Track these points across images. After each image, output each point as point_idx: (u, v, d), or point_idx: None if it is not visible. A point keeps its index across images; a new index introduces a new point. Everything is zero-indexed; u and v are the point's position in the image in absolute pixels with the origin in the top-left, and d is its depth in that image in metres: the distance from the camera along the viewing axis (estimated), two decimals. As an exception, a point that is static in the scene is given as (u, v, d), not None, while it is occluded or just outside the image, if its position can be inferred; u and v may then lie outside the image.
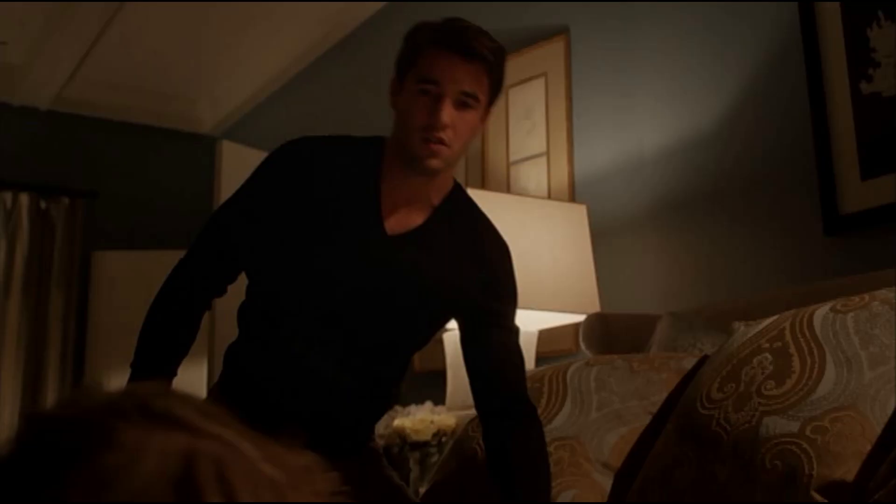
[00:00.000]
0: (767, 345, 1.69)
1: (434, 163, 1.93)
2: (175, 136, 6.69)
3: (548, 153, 3.76)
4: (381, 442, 3.46)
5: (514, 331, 2.09)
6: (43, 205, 6.23)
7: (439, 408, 3.34)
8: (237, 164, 4.58)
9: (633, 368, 2.07)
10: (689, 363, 2.01)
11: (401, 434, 3.15)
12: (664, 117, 3.24)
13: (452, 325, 3.06)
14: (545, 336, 3.23)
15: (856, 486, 1.40)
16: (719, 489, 1.55)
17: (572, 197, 3.57)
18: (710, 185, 3.05)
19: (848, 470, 1.42)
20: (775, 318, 1.77)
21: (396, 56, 2.00)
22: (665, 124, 3.23)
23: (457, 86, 1.90)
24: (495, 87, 1.99)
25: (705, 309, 2.57)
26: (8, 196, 6.10)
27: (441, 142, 1.91)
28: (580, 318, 3.01)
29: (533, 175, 3.83)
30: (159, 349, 2.02)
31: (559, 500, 1.82)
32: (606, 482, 1.86)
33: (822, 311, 1.69)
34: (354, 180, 2.02)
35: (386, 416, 3.50)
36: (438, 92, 1.91)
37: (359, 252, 1.99)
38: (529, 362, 3.08)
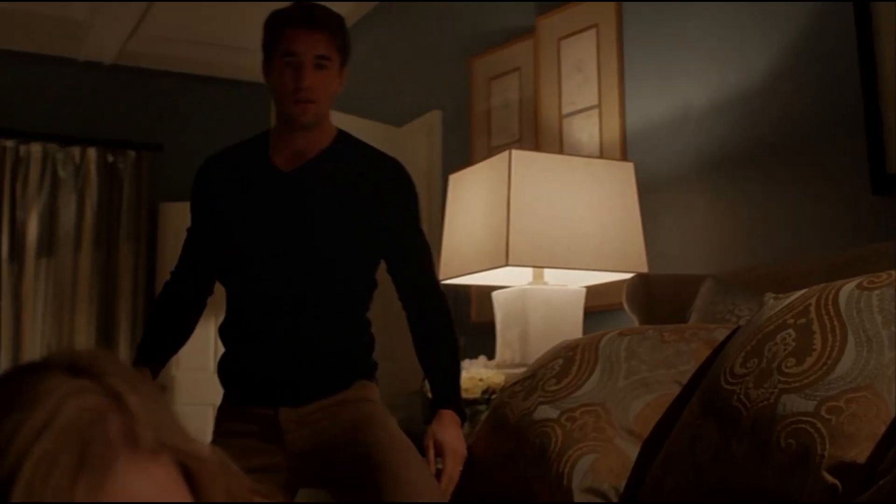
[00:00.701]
0: (792, 320, 1.68)
1: (306, 117, 2.39)
2: (237, 85, 6.75)
3: (599, 106, 3.75)
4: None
5: (420, 234, 2.52)
6: (110, 158, 6.36)
7: (494, 361, 3.36)
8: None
9: (664, 339, 2.07)
10: (720, 334, 2.01)
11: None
12: (712, 72, 3.20)
13: (501, 281, 3.10)
14: (594, 291, 3.24)
15: (867, 467, 1.40)
16: (736, 465, 1.57)
17: (624, 151, 3.56)
18: (757, 143, 3.02)
19: (860, 451, 1.42)
20: (804, 291, 1.76)
21: (262, 43, 2.44)
22: (713, 80, 3.20)
23: (311, 52, 2.34)
24: (344, 49, 2.44)
25: (747, 272, 2.56)
26: (76, 151, 6.24)
27: (308, 100, 2.35)
28: (629, 275, 3.02)
29: (585, 128, 3.81)
30: (153, 345, 2.54)
31: (579, 463, 1.85)
32: (629, 447, 1.88)
33: (848, 287, 1.67)
34: (249, 156, 2.50)
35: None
36: (298, 61, 2.34)
37: (265, 197, 2.43)
38: (577, 319, 3.10)
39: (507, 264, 2.87)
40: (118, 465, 0.74)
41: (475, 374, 3.13)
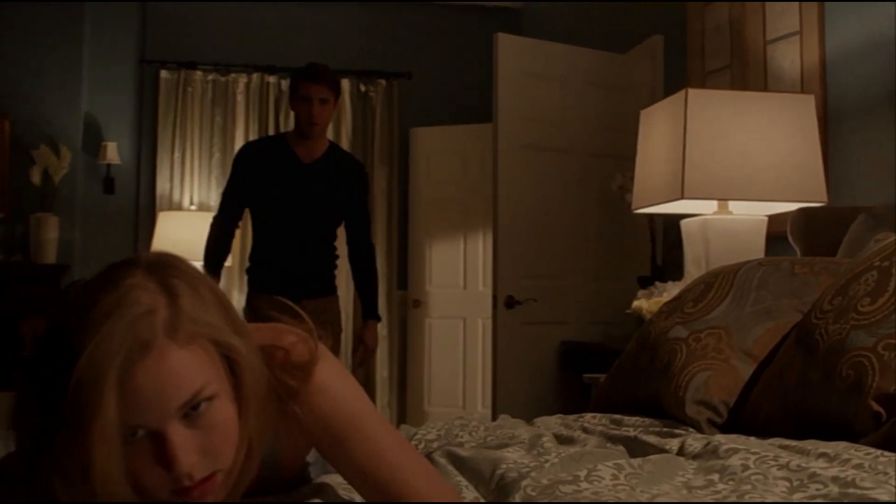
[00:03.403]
0: (878, 263, 1.85)
1: (313, 132, 4.20)
2: (480, 11, 7.05)
3: (801, 33, 3.80)
4: (634, 314, 3.77)
5: (364, 206, 4.48)
6: (363, 88, 6.88)
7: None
8: (513, 55, 4.90)
9: (794, 271, 2.24)
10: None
11: (639, 313, 3.44)
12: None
13: (693, 210, 3.30)
14: (777, 219, 3.36)
15: (907, 399, 1.59)
16: (811, 392, 1.78)
17: (823, 79, 3.62)
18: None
19: (903, 385, 1.61)
20: (900, 235, 1.92)
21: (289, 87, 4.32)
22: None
23: (317, 95, 4.12)
24: (336, 90, 4.21)
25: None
26: (332, 82, 6.77)
27: (316, 124, 4.15)
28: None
29: (787, 54, 3.88)
30: (211, 258, 4.35)
31: (695, 378, 2.08)
32: (744, 368, 2.08)
33: (934, 232, 1.82)
34: (277, 148, 4.28)
35: (640, 295, 3.79)
36: (310, 100, 4.11)
37: (293, 175, 4.23)
38: (759, 246, 3.25)
39: (682, 197, 3.06)
40: (156, 346, 1.08)
41: (661, 299, 3.36)
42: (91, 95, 6.36)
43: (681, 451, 1.64)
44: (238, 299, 6.39)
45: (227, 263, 6.27)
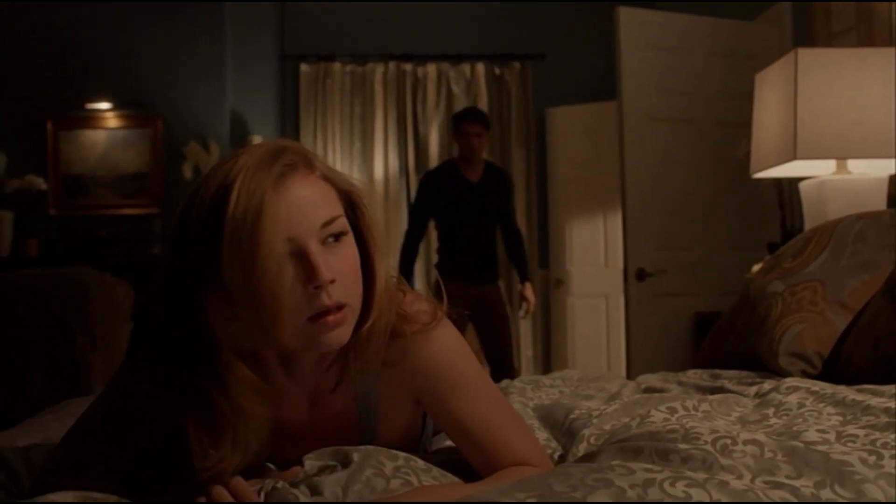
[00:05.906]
0: (965, 207, 1.85)
1: (473, 159, 5.26)
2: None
3: (927, -12, 3.72)
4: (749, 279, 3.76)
5: (514, 207, 5.68)
6: (497, 71, 6.97)
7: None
8: (636, 28, 4.91)
9: (895, 223, 2.24)
10: (949, 220, 2.14)
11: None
12: None
13: (807, 172, 3.28)
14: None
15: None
16: (896, 338, 1.80)
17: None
18: None
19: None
20: None
21: (452, 125, 5.44)
22: None
23: (474, 131, 5.20)
24: (487, 126, 5.25)
25: None
26: (466, 67, 6.91)
27: (475, 152, 5.24)
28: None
29: (914, 11, 3.80)
30: (407, 263, 5.39)
31: (789, 331, 2.10)
32: (839, 319, 2.10)
33: None
34: (451, 173, 5.31)
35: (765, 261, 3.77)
36: (469, 135, 5.19)
37: (466, 193, 5.26)
38: (880, 206, 3.21)
39: (795, 158, 3.05)
40: (297, 172, 1.18)
41: (782, 260, 3.34)
42: (236, 91, 6.64)
43: (756, 395, 1.69)
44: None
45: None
